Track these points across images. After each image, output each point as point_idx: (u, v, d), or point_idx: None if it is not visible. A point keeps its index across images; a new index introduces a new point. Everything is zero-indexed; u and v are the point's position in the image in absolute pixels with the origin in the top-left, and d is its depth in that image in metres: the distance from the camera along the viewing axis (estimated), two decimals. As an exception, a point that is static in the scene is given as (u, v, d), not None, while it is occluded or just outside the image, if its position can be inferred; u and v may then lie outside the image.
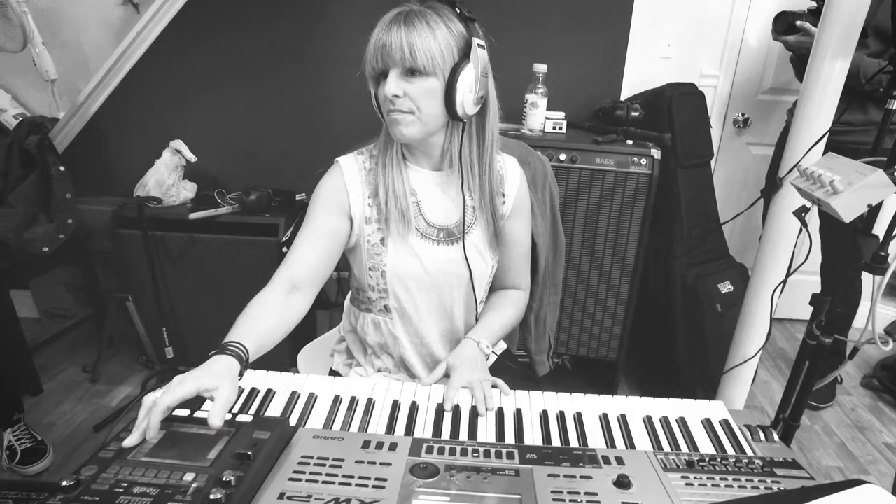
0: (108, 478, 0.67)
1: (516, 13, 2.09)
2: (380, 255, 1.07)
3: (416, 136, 0.99)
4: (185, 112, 2.39)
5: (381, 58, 0.94)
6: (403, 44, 0.92)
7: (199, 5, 2.23)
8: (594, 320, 1.98)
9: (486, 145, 1.05)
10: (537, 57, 1.82)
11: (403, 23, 0.93)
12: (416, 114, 0.96)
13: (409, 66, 0.93)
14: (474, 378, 0.99)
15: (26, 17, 2.26)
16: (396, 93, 0.94)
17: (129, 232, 2.12)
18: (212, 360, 0.83)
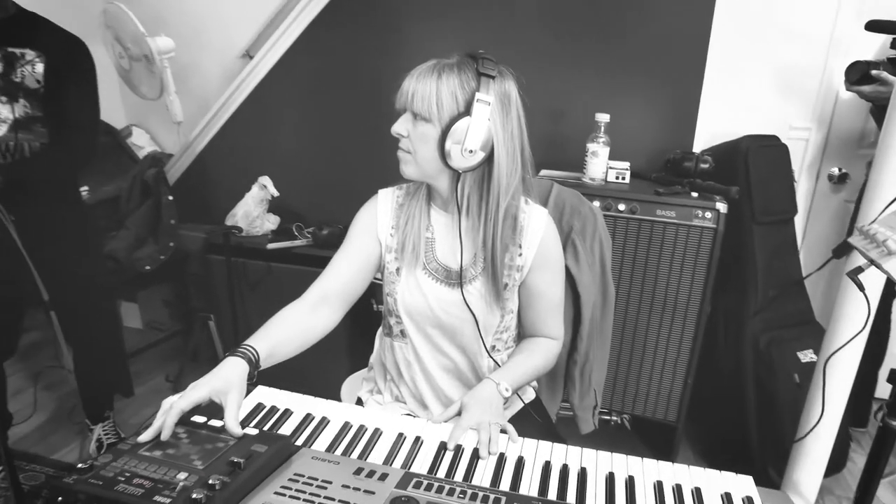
0: (116, 466, 0.74)
1: (578, 63, 2.12)
2: (394, 283, 1.13)
3: (412, 175, 1.05)
4: (274, 151, 2.61)
5: (398, 100, 1.02)
6: (409, 89, 1.00)
7: (295, 57, 2.46)
8: (651, 379, 1.88)
9: (492, 197, 1.05)
10: (600, 106, 1.82)
11: (420, 72, 1.00)
12: (413, 155, 1.03)
13: (413, 111, 1.00)
14: (484, 420, 0.99)
15: (166, 72, 2.61)
16: (400, 131, 1.03)
17: (216, 257, 2.32)
18: (223, 363, 0.92)
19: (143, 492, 0.70)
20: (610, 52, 2.07)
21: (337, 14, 2.36)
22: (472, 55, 1.02)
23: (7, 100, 1.62)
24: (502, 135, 1.01)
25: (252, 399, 1.06)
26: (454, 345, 1.16)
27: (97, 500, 0.69)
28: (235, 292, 2.32)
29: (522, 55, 2.12)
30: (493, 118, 0.99)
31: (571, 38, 2.10)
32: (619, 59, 2.06)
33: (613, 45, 2.06)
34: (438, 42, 2.26)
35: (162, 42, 2.55)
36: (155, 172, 2.48)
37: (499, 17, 2.16)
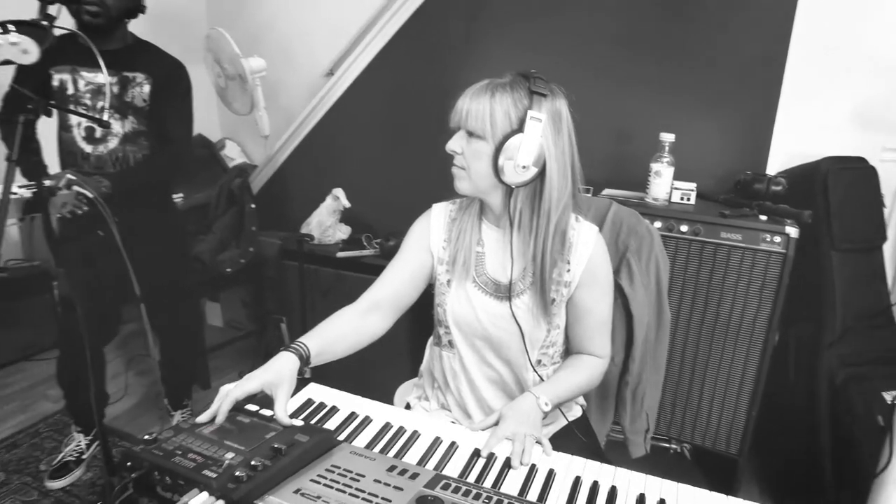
0: (176, 441, 0.83)
1: (644, 82, 2.09)
2: (444, 294, 1.17)
3: (466, 190, 1.09)
4: (348, 165, 2.74)
5: (453, 118, 1.07)
6: (464, 109, 1.04)
7: (371, 76, 2.58)
8: (713, 408, 1.80)
9: (543, 212, 1.07)
10: (665, 126, 1.79)
11: (474, 91, 1.05)
12: (466, 171, 1.06)
13: (468, 128, 1.04)
14: (520, 431, 1.00)
15: (257, 89, 2.82)
16: (454, 149, 1.07)
17: (290, 263, 2.46)
18: (276, 357, 1.00)
19: (195, 465, 0.78)
20: (676, 71, 2.03)
21: (411, 35, 2.47)
22: (524, 74, 1.05)
23: (119, 117, 1.83)
24: (554, 151, 1.04)
25: (303, 394, 1.13)
26: (500, 357, 1.18)
27: (157, 468, 0.78)
28: (306, 297, 2.44)
29: (587, 74, 2.13)
30: (546, 135, 1.02)
31: (636, 57, 2.09)
32: (686, 78, 2.02)
33: (680, 64, 2.03)
34: (506, 61, 2.29)
35: (255, 62, 2.76)
36: (240, 182, 2.67)
37: (566, 38, 2.18)
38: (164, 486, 0.78)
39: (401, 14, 2.46)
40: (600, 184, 1.99)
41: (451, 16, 2.40)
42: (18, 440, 2.17)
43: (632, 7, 2.07)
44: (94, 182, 1.68)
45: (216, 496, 0.73)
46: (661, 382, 1.46)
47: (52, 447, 2.12)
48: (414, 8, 2.42)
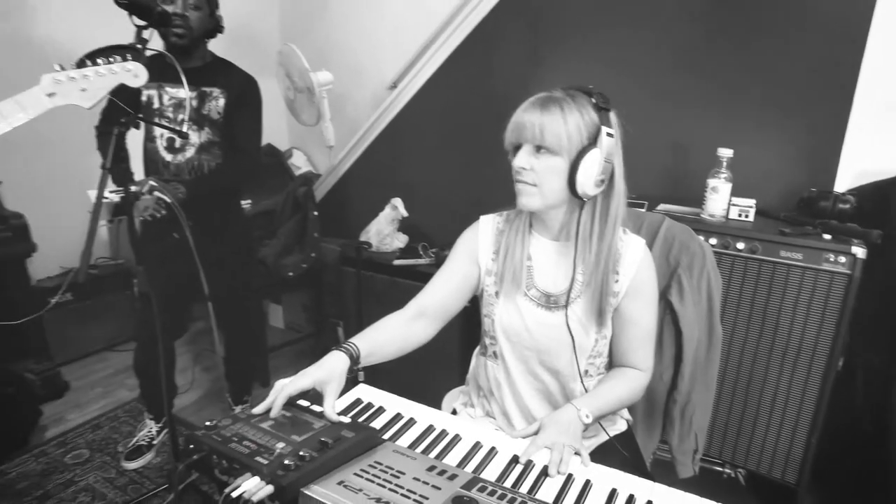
0: (233, 429, 0.90)
1: (702, 96, 2.05)
2: (492, 304, 1.20)
3: (535, 206, 1.10)
4: (407, 175, 2.82)
5: (516, 133, 1.08)
6: (536, 124, 1.05)
7: (432, 89, 2.65)
8: (768, 433, 1.73)
9: (609, 224, 1.11)
10: (723, 141, 1.75)
11: (540, 106, 1.06)
12: (538, 187, 1.08)
13: (538, 143, 1.06)
14: (559, 441, 1.02)
15: (324, 101, 2.96)
16: (524, 165, 1.07)
17: (348, 269, 2.56)
18: (328, 356, 1.06)
19: (248, 452, 0.84)
20: (736, 83, 1.98)
21: (470, 50, 2.53)
22: (581, 89, 1.08)
23: (196, 128, 1.97)
24: (619, 164, 1.09)
25: (353, 394, 1.19)
26: (547, 367, 1.20)
27: (215, 452, 0.85)
28: (363, 302, 2.53)
29: (644, 88, 2.11)
30: (614, 149, 1.06)
31: (695, 70, 2.05)
32: (746, 90, 1.96)
33: (741, 77, 1.97)
34: (563, 75, 2.32)
35: (322, 76, 2.90)
36: (305, 190, 2.80)
37: (623, 51, 2.17)
38: (220, 469, 0.85)
39: (462, 29, 2.52)
40: (656, 198, 1.96)
41: (509, 31, 2.44)
42: (101, 422, 2.37)
43: (691, 19, 2.04)
44: (172, 188, 1.82)
45: (266, 481, 0.79)
46: (711, 402, 1.43)
47: (128, 431, 2.30)
48: (474, 24, 2.48)
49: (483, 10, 2.45)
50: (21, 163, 2.58)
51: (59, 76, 1.22)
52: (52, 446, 2.19)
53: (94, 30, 1.94)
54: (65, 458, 2.12)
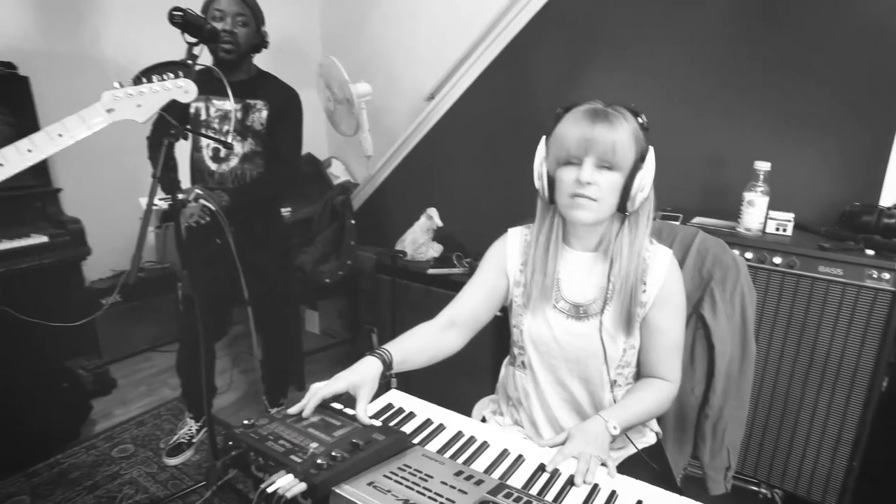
0: (269, 428, 0.95)
1: (738, 108, 2.02)
2: (521, 315, 1.22)
3: (591, 220, 1.11)
4: (443, 186, 2.86)
5: (584, 148, 1.06)
6: (608, 140, 1.06)
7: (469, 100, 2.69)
8: (806, 454, 1.69)
9: (639, 235, 1.13)
10: (761, 154, 1.73)
11: (605, 120, 1.07)
12: (598, 202, 1.08)
13: (605, 159, 1.06)
14: (586, 451, 1.03)
15: (362, 112, 3.03)
16: (591, 180, 1.07)
17: (384, 277, 2.60)
18: (362, 361, 1.09)
19: (283, 450, 0.88)
20: (773, 97, 1.95)
21: (506, 63, 2.56)
22: (626, 107, 1.11)
23: (241, 139, 2.05)
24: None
25: (384, 399, 1.22)
26: (576, 377, 1.21)
27: (252, 449, 0.89)
28: (397, 310, 2.57)
29: (681, 100, 2.11)
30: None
31: (732, 82, 2.03)
32: (785, 103, 1.93)
33: (779, 90, 1.94)
34: (599, 87, 2.33)
35: (361, 87, 2.97)
36: (343, 199, 2.87)
37: (661, 63, 2.17)
38: (257, 466, 0.89)
39: (498, 42, 2.56)
40: (691, 212, 1.95)
41: (545, 44, 2.46)
42: (145, 419, 2.47)
43: (729, 31, 2.03)
44: (216, 196, 1.90)
45: (300, 479, 0.82)
46: (744, 419, 1.41)
47: (169, 428, 2.39)
48: (511, 36, 2.51)
49: (520, 23, 2.48)
50: (80, 172, 2.72)
51: (118, 93, 1.30)
52: (101, 440, 2.31)
53: (150, 47, 2.06)
54: (112, 452, 2.23)
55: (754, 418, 1.76)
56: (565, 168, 1.09)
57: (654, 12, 2.16)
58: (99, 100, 1.30)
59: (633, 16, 2.23)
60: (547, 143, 1.14)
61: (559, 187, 1.11)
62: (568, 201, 1.10)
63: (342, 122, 3.17)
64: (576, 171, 1.08)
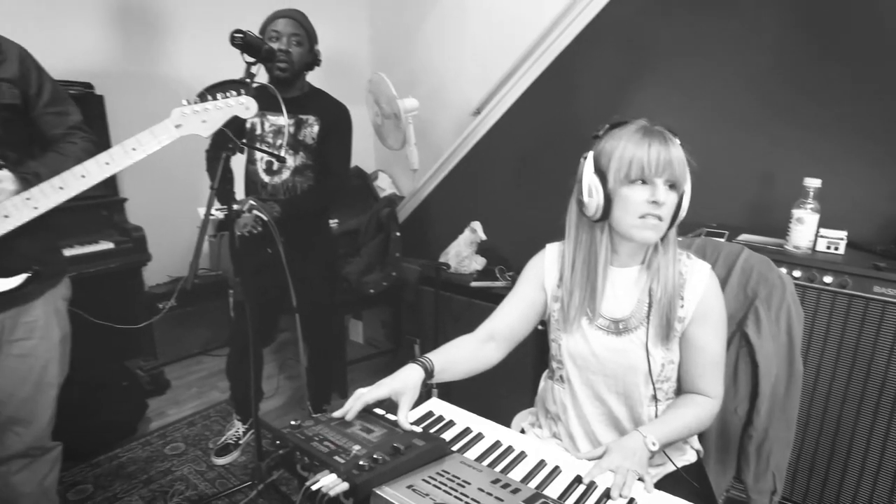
0: (315, 429, 0.99)
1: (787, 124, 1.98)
2: (559, 330, 1.23)
3: (655, 239, 1.12)
4: (487, 200, 2.89)
5: (660, 168, 1.06)
6: (680, 161, 1.08)
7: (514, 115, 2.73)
8: (861, 485, 1.62)
9: (673, 249, 1.16)
10: (811, 170, 1.69)
11: (670, 142, 1.08)
12: (664, 222, 1.10)
13: (675, 180, 1.08)
14: (623, 465, 1.03)
15: (409, 127, 3.11)
16: (665, 200, 1.08)
17: (427, 289, 2.65)
18: (405, 368, 1.13)
19: (327, 451, 0.92)
20: (824, 112, 1.91)
21: (552, 79, 2.58)
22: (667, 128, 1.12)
23: (293, 152, 2.14)
24: None
25: (425, 406, 1.25)
26: (614, 392, 1.21)
27: (298, 448, 0.93)
28: (440, 321, 2.60)
29: (728, 116, 2.08)
30: None
31: (780, 98, 2.00)
32: (837, 117, 1.88)
33: (829, 106, 1.90)
34: (645, 103, 2.32)
35: (409, 102, 3.05)
36: (388, 211, 2.93)
37: (707, 79, 2.15)
38: (302, 465, 0.94)
39: (544, 59, 2.59)
40: (737, 228, 1.91)
41: (590, 61, 2.47)
42: (195, 420, 2.58)
43: (778, 47, 1.99)
44: (268, 207, 1.99)
45: (342, 478, 0.86)
46: (791, 441, 1.37)
47: (218, 430, 2.49)
48: (557, 53, 2.54)
49: (565, 40, 2.50)
50: (144, 183, 2.89)
51: (185, 110, 1.40)
52: (155, 437, 2.42)
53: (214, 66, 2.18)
54: (164, 449, 2.34)
55: (803, 442, 1.70)
56: (634, 187, 1.08)
57: (702, 29, 2.15)
58: (168, 116, 1.39)
59: (680, 33, 2.22)
60: (597, 160, 1.13)
61: (623, 206, 1.09)
62: (637, 221, 1.09)
63: (389, 137, 3.24)
64: (647, 190, 1.08)
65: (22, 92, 1.41)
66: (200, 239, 1.52)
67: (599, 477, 1.02)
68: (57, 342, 1.52)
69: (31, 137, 1.47)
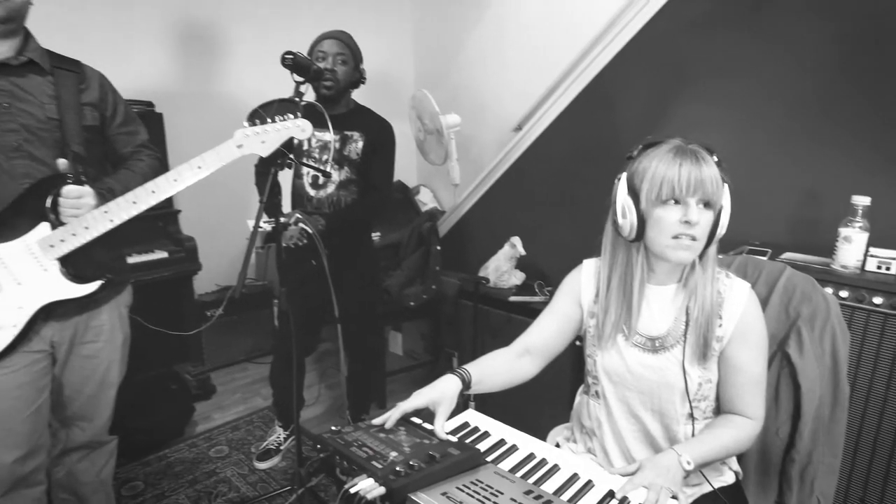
0: (354, 435, 1.03)
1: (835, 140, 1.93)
2: (594, 346, 1.24)
3: (690, 260, 1.12)
4: (527, 215, 2.90)
5: (692, 187, 1.06)
6: (713, 179, 1.08)
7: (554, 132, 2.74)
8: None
9: (712, 267, 1.15)
10: (859, 188, 1.65)
11: (703, 160, 1.08)
12: (698, 241, 1.10)
13: (708, 199, 1.08)
14: (657, 482, 1.03)
15: (451, 142, 3.16)
16: (698, 220, 1.07)
17: (466, 303, 2.68)
18: (443, 378, 1.16)
19: (366, 456, 0.96)
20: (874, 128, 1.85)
21: (593, 96, 2.59)
22: (701, 144, 1.12)
23: (338, 167, 2.22)
24: None
25: (462, 417, 1.27)
26: (650, 409, 1.21)
27: (338, 453, 0.97)
28: (478, 335, 2.63)
29: (771, 132, 2.05)
30: None
31: (826, 114, 1.95)
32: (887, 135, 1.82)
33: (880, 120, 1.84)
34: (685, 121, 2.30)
35: (451, 118, 3.10)
36: (429, 226, 2.99)
37: (749, 95, 2.12)
38: (341, 469, 0.97)
39: (584, 76, 2.60)
40: (780, 247, 1.87)
41: (631, 78, 2.47)
42: (239, 424, 2.67)
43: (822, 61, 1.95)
44: (313, 220, 2.06)
45: (379, 483, 0.90)
46: (837, 467, 1.33)
47: (260, 435, 2.57)
48: (597, 71, 2.55)
49: (605, 57, 2.51)
50: (196, 195, 3.01)
51: (248, 131, 1.49)
52: (201, 439, 2.52)
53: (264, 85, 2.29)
54: (209, 451, 2.43)
55: (853, 469, 1.64)
56: (667, 207, 1.09)
57: (745, 45, 2.13)
58: (231, 137, 1.48)
59: (720, 50, 2.20)
60: (631, 181, 1.14)
61: (657, 227, 1.10)
62: (670, 242, 1.10)
63: (432, 152, 3.31)
64: (679, 210, 1.08)
65: (100, 114, 1.54)
66: (249, 250, 1.59)
67: (632, 493, 1.02)
68: (119, 345, 1.63)
69: (105, 154, 1.60)
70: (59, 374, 1.54)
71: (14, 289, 1.39)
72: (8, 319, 1.38)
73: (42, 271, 1.41)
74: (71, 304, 1.45)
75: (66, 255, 1.41)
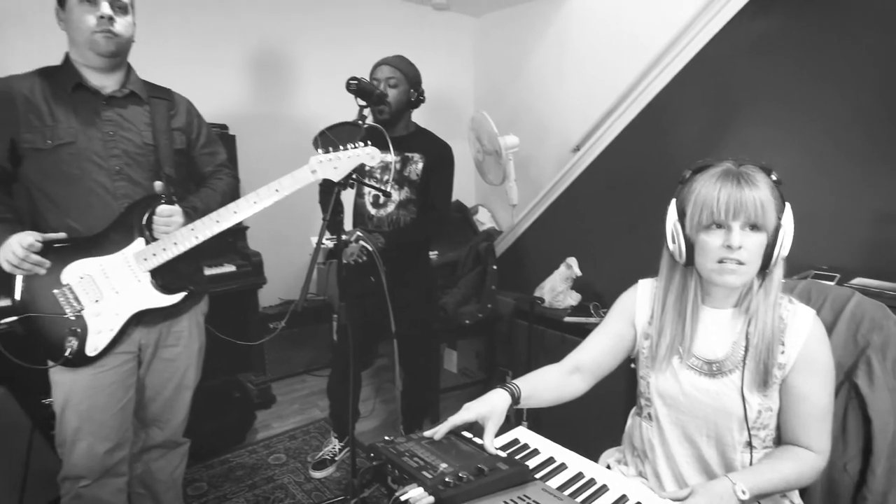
0: (406, 446, 1.06)
1: None
2: (648, 367, 1.23)
3: (739, 284, 1.11)
4: (584, 236, 2.89)
5: (733, 211, 1.06)
6: (756, 202, 1.06)
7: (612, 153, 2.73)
8: None
9: (775, 292, 1.12)
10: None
11: (747, 182, 1.07)
12: (747, 265, 1.08)
13: (754, 222, 1.07)
14: (709, 509, 1.01)
15: (509, 163, 3.20)
16: (742, 244, 1.06)
17: (521, 322, 2.68)
18: (492, 392, 1.18)
19: (417, 466, 0.99)
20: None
21: (651, 117, 2.58)
22: (756, 164, 1.11)
23: (398, 187, 2.29)
24: None
25: (512, 434, 1.28)
26: (705, 435, 1.18)
27: (390, 462, 1.01)
28: (532, 355, 2.62)
29: (841, 153, 1.97)
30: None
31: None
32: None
33: None
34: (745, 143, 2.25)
35: (509, 139, 3.14)
36: (486, 245, 3.02)
37: (817, 115, 2.05)
38: (392, 478, 1.01)
39: (643, 98, 2.59)
40: (850, 272, 1.78)
41: (688, 99, 2.45)
42: (296, 434, 2.77)
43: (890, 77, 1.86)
44: (374, 238, 2.13)
45: (429, 492, 0.92)
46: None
47: (316, 445, 2.64)
48: (655, 92, 2.54)
49: (664, 79, 2.50)
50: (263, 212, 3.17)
51: (322, 158, 1.59)
52: (260, 446, 2.62)
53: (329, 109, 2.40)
54: (268, 459, 2.53)
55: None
56: (710, 232, 1.09)
57: (803, 66, 2.07)
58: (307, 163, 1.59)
59: (780, 71, 2.15)
60: (680, 206, 1.14)
61: (703, 252, 1.10)
62: (716, 266, 1.09)
63: (490, 172, 3.35)
64: (722, 235, 1.07)
65: (187, 137, 1.69)
66: (312, 265, 1.67)
67: (683, 519, 1.01)
68: (196, 351, 1.77)
69: (189, 174, 1.75)
70: (143, 375, 1.68)
71: (112, 297, 1.53)
72: (106, 324, 1.53)
73: (136, 282, 1.55)
74: (158, 312, 1.59)
75: (156, 267, 1.55)
